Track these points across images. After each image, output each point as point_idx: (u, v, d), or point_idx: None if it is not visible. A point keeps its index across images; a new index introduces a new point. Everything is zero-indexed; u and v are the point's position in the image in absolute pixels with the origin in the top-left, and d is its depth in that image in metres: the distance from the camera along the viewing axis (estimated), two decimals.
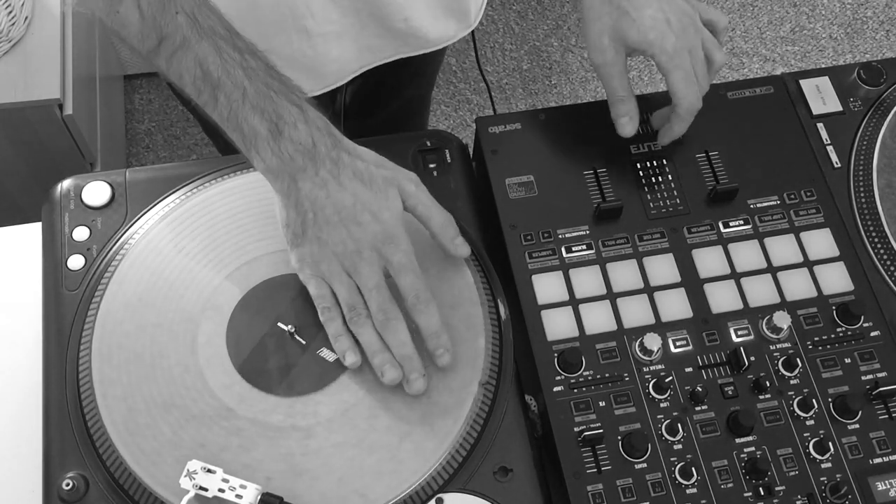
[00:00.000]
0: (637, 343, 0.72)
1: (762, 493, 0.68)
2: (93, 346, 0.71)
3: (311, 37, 0.91)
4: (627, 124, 0.79)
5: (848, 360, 0.73)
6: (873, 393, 0.71)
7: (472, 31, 1.06)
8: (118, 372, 0.70)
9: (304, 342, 0.72)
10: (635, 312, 0.74)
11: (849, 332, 0.74)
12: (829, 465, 0.69)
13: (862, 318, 0.74)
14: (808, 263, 0.77)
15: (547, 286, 0.75)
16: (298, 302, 0.73)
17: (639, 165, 0.81)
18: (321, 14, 0.89)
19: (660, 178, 0.81)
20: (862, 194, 0.80)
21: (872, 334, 0.74)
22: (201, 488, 0.65)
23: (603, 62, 0.78)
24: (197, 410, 0.69)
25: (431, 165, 0.81)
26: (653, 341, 0.71)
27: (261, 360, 0.71)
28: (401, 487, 0.67)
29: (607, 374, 0.72)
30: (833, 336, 0.74)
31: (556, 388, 0.71)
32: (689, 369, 0.72)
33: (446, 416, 0.69)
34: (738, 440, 0.70)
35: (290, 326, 0.72)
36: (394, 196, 0.69)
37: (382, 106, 1.25)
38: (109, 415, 0.69)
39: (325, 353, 0.71)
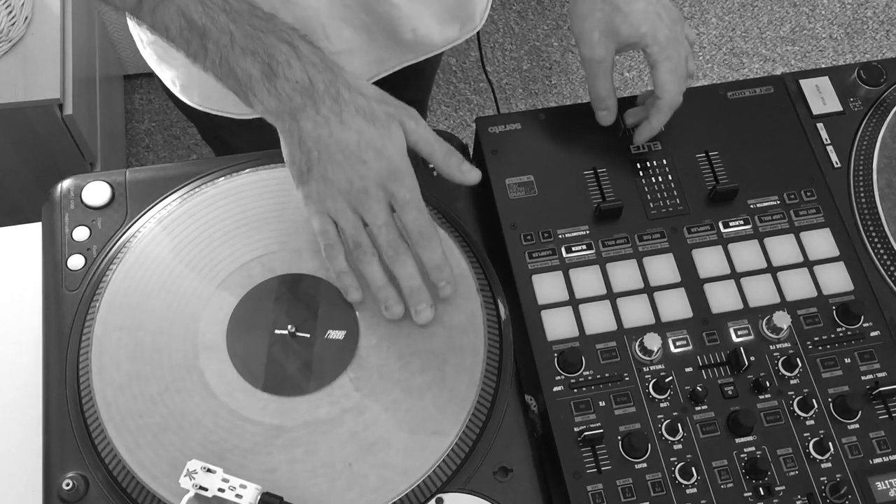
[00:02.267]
0: (637, 343, 0.72)
1: (762, 493, 0.68)
2: (92, 347, 0.71)
3: None
4: (607, 116, 0.81)
5: (848, 360, 0.73)
6: (873, 393, 0.71)
7: (477, 33, 1.06)
8: (118, 372, 0.70)
9: (308, 335, 0.72)
10: (635, 312, 0.74)
11: (849, 332, 0.74)
12: (829, 465, 0.69)
13: (862, 318, 0.74)
14: (808, 263, 0.77)
15: (547, 286, 0.75)
16: (296, 304, 0.73)
17: (639, 165, 0.81)
18: (335, 34, 0.89)
19: (660, 178, 0.81)
20: (862, 194, 0.80)
21: (872, 334, 0.74)
22: (201, 488, 0.65)
23: (592, 57, 0.79)
24: (197, 410, 0.69)
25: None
26: (653, 341, 0.71)
27: (262, 360, 0.71)
28: (401, 487, 0.67)
29: (607, 374, 0.72)
30: (833, 336, 0.74)
31: (556, 388, 0.71)
32: (689, 369, 0.72)
33: (446, 415, 0.69)
34: (738, 440, 0.70)
35: (290, 327, 0.72)
36: (397, 131, 0.69)
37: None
38: (109, 415, 0.69)
39: (334, 334, 0.71)
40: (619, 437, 0.69)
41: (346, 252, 0.71)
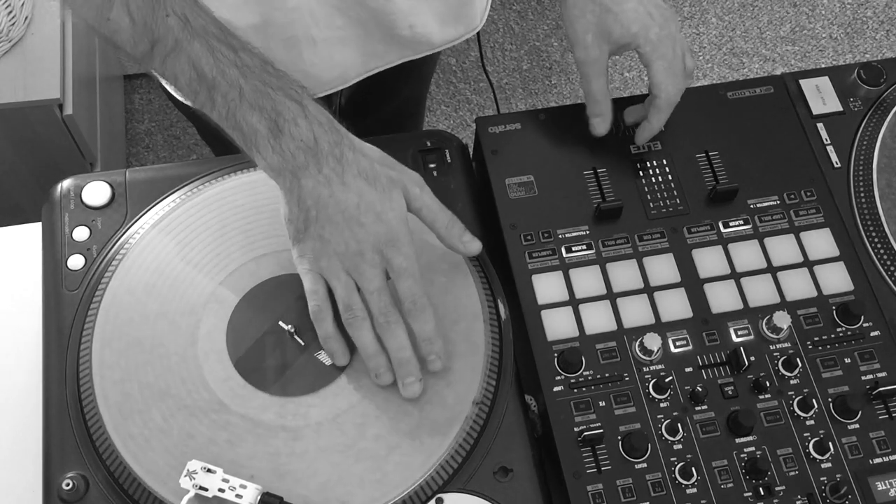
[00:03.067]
0: (637, 343, 0.72)
1: (762, 493, 0.68)
2: (93, 346, 0.71)
3: (316, 44, 0.91)
4: (600, 124, 0.81)
5: (848, 360, 0.73)
6: (873, 393, 0.71)
7: (478, 32, 1.06)
8: (118, 371, 0.70)
9: (302, 343, 0.72)
10: (635, 312, 0.74)
11: (849, 332, 0.74)
12: (829, 465, 0.69)
13: (862, 318, 0.74)
14: (808, 263, 0.77)
15: (547, 286, 0.75)
16: (297, 304, 0.73)
17: (639, 165, 0.81)
18: (326, 21, 0.89)
19: (660, 178, 0.81)
20: (862, 194, 0.80)
21: (872, 334, 0.74)
22: (201, 488, 0.65)
23: (586, 59, 0.79)
24: (197, 410, 0.69)
25: (431, 165, 0.81)
26: (653, 341, 0.71)
27: (262, 360, 0.71)
28: (401, 487, 0.67)
29: (607, 374, 0.72)
30: (833, 336, 0.74)
31: (556, 388, 0.71)
32: (689, 369, 0.72)
33: (446, 416, 0.69)
34: (738, 440, 0.70)
35: (290, 326, 0.72)
36: (398, 197, 0.69)
37: (378, 107, 1.24)
38: (109, 415, 0.69)
39: (323, 356, 0.71)
40: (619, 437, 0.69)
41: (335, 315, 0.70)
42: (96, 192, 0.78)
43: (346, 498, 0.66)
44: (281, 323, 0.73)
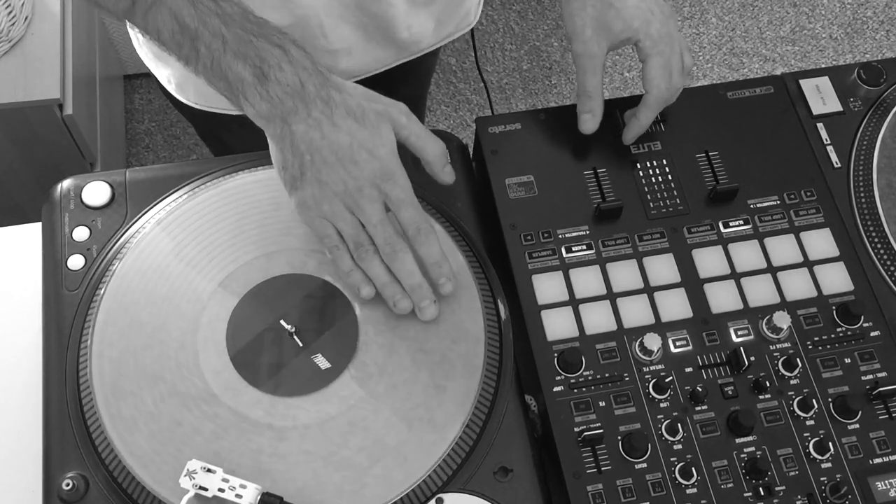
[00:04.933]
0: (637, 343, 0.72)
1: (762, 493, 0.68)
2: (93, 346, 0.71)
3: (320, 55, 0.92)
4: (590, 121, 0.81)
5: (848, 360, 0.73)
6: (873, 393, 0.71)
7: (472, 31, 1.06)
8: (118, 372, 0.70)
9: (301, 344, 0.72)
10: (635, 312, 0.74)
11: (849, 332, 0.74)
12: (829, 465, 0.69)
13: (862, 318, 0.74)
14: (808, 263, 0.77)
15: (547, 286, 0.75)
16: (296, 304, 0.73)
17: (639, 165, 0.81)
18: (333, 33, 0.89)
19: (660, 178, 0.81)
20: (862, 194, 0.80)
21: (872, 334, 0.74)
22: (201, 488, 0.65)
23: (584, 52, 0.79)
24: (197, 410, 0.69)
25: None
26: (653, 341, 0.71)
27: (262, 360, 0.71)
28: (401, 487, 0.67)
29: (607, 374, 0.72)
30: (833, 336, 0.74)
31: (556, 388, 0.71)
32: (689, 369, 0.72)
33: (446, 416, 0.69)
34: (738, 440, 0.70)
35: (290, 326, 0.72)
36: (387, 131, 0.70)
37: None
38: (109, 415, 0.69)
39: (319, 360, 0.71)
40: (619, 437, 0.69)
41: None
42: (96, 192, 0.78)
43: (346, 497, 0.66)
44: (282, 322, 0.73)
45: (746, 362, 0.71)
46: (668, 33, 0.79)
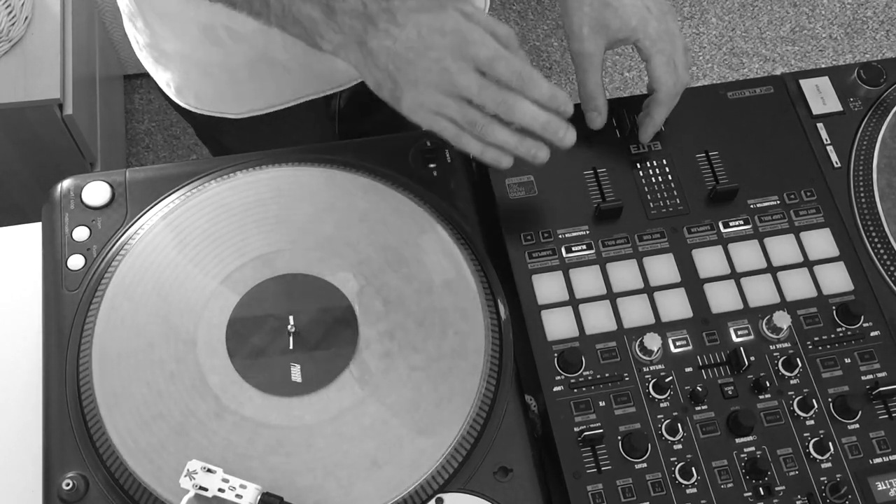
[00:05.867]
0: (637, 343, 0.72)
1: (762, 493, 0.68)
2: (93, 346, 0.71)
3: (322, 54, 0.92)
4: (597, 118, 0.81)
5: (848, 360, 0.73)
6: (873, 393, 0.71)
7: None
8: (118, 372, 0.70)
9: (307, 336, 0.72)
10: (635, 312, 0.74)
11: (849, 332, 0.74)
12: (829, 465, 0.69)
13: (862, 318, 0.74)
14: (808, 263, 0.77)
15: (547, 286, 0.75)
16: (298, 303, 0.73)
17: (639, 165, 0.81)
18: None
19: (660, 178, 0.81)
20: (862, 194, 0.80)
21: (872, 334, 0.74)
22: (201, 488, 0.65)
23: (581, 51, 0.80)
24: (197, 409, 0.69)
25: (431, 165, 0.81)
26: (653, 341, 0.71)
27: (262, 360, 0.71)
28: (401, 487, 0.67)
29: (607, 374, 0.72)
30: (833, 336, 0.74)
31: (556, 388, 0.71)
32: (689, 369, 0.72)
33: (446, 416, 0.69)
34: (738, 440, 0.70)
35: (291, 326, 0.72)
36: (450, 10, 0.70)
37: (378, 107, 1.24)
38: (109, 414, 0.69)
39: (294, 372, 0.71)
40: (619, 437, 0.69)
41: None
42: (96, 192, 0.78)
43: (346, 497, 0.66)
44: (282, 322, 0.73)
45: (746, 362, 0.71)
46: (666, 30, 0.79)
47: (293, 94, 0.97)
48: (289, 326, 0.72)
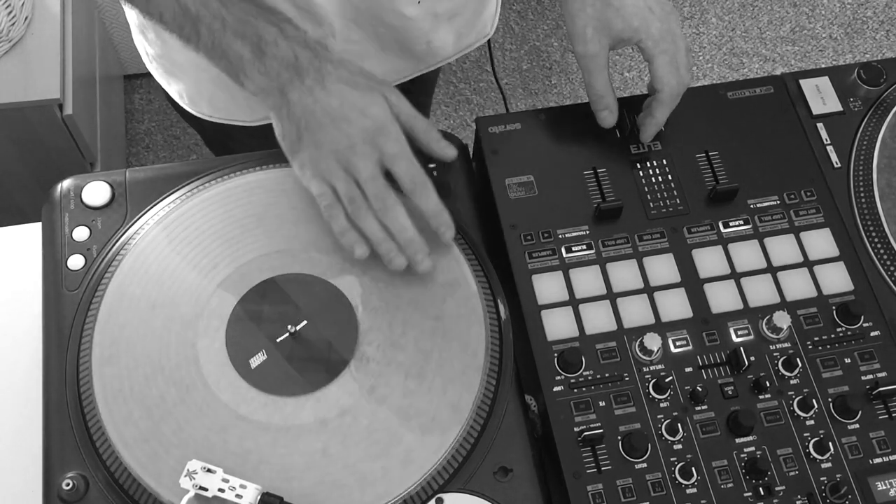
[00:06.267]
0: (637, 343, 0.72)
1: (762, 493, 0.68)
2: (93, 346, 0.71)
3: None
4: (608, 117, 0.82)
5: (848, 360, 0.73)
6: (873, 393, 0.71)
7: (488, 40, 1.05)
8: (118, 372, 0.70)
9: (307, 336, 0.72)
10: (635, 312, 0.74)
11: (849, 332, 0.74)
12: (829, 465, 0.69)
13: (862, 318, 0.74)
14: (808, 263, 0.77)
15: (547, 286, 0.75)
16: (299, 303, 0.73)
17: (639, 165, 0.81)
18: (342, 34, 0.89)
19: (660, 178, 0.81)
20: (862, 194, 0.80)
21: (872, 334, 0.74)
22: (201, 488, 0.65)
23: (585, 53, 0.80)
24: (197, 410, 0.69)
25: (431, 165, 0.81)
26: (653, 341, 0.71)
27: (262, 360, 0.71)
28: (401, 487, 0.67)
29: (607, 374, 0.72)
30: (833, 336, 0.74)
31: (556, 388, 0.71)
32: (689, 369, 0.72)
33: (446, 416, 0.69)
34: (738, 440, 0.70)
35: (291, 326, 0.72)
36: (378, 96, 0.72)
37: None
38: (109, 415, 0.69)
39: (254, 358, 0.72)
40: (619, 437, 0.69)
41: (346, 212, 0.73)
42: (96, 192, 0.78)
43: (346, 497, 0.66)
44: (282, 322, 0.73)
45: (746, 362, 0.71)
46: (668, 30, 0.79)
47: None
48: (289, 327, 0.72)
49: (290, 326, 0.72)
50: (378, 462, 0.68)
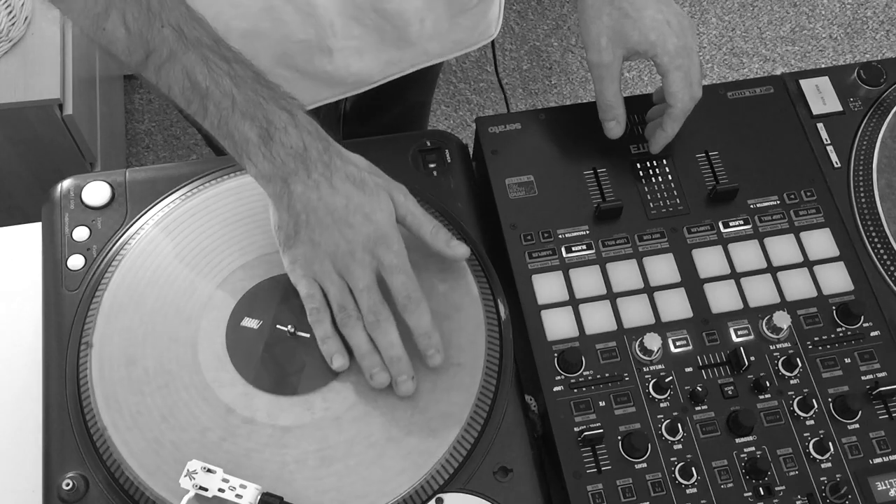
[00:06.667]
0: (637, 343, 0.72)
1: (762, 493, 0.68)
2: (93, 346, 0.71)
3: (332, 52, 0.92)
4: (615, 128, 0.81)
5: (848, 360, 0.73)
6: (873, 393, 0.71)
7: (492, 42, 1.05)
8: (118, 372, 0.70)
9: (308, 336, 0.72)
10: (635, 312, 0.74)
11: (849, 332, 0.74)
12: (829, 465, 0.69)
13: (862, 318, 0.74)
14: (808, 263, 0.77)
15: (547, 286, 0.75)
16: (299, 302, 0.73)
17: (639, 165, 0.81)
18: (343, 31, 0.89)
19: (660, 178, 0.81)
20: (862, 194, 0.80)
21: (872, 334, 0.74)
22: (201, 488, 0.65)
23: (599, 62, 0.79)
24: (197, 410, 0.69)
25: (431, 165, 0.81)
26: (653, 341, 0.71)
27: (262, 360, 0.71)
28: (401, 487, 0.67)
29: (607, 374, 0.72)
30: (833, 336, 0.74)
31: (556, 388, 0.71)
32: (689, 369, 0.72)
33: (446, 416, 0.69)
34: (738, 440, 0.70)
35: (290, 326, 0.72)
36: (385, 199, 0.70)
37: (383, 111, 1.24)
38: (109, 414, 0.69)
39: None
40: (619, 437, 0.69)
41: (333, 318, 0.71)
42: (96, 192, 0.78)
43: (346, 498, 0.66)
44: (286, 326, 0.73)
45: (746, 362, 0.71)
46: (684, 46, 0.77)
47: (311, 98, 0.97)
48: (289, 326, 0.72)
49: (289, 326, 0.72)
50: (378, 462, 0.68)
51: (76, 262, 0.75)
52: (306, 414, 0.69)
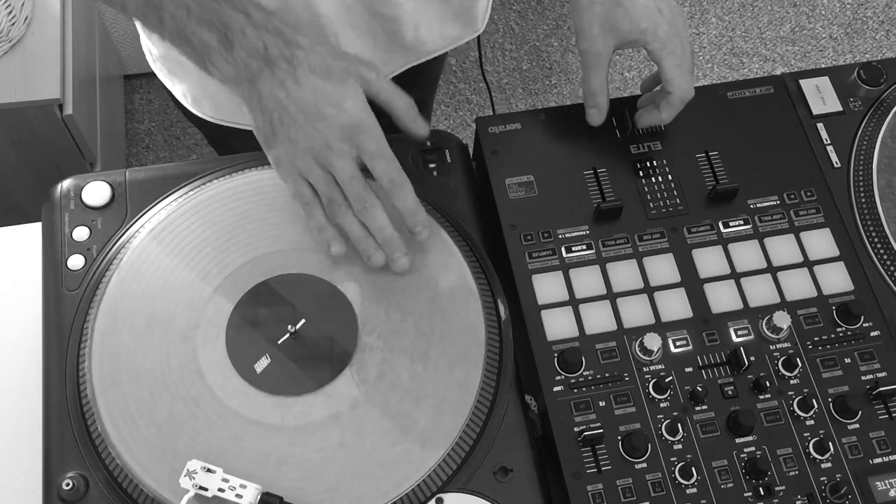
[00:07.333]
0: (637, 343, 0.72)
1: (762, 493, 0.68)
2: (93, 346, 0.71)
3: None
4: (596, 115, 0.82)
5: (848, 360, 0.73)
6: (873, 393, 0.71)
7: (478, 36, 1.05)
8: (118, 372, 0.70)
9: (307, 336, 0.72)
10: (635, 312, 0.74)
11: (849, 332, 0.74)
12: (829, 465, 0.69)
13: (862, 318, 0.74)
14: (808, 263, 0.77)
15: (547, 286, 0.75)
16: (299, 302, 0.73)
17: (639, 165, 0.81)
18: (343, 41, 0.89)
19: (660, 178, 0.81)
20: (862, 194, 0.80)
21: (872, 334, 0.74)
22: (201, 488, 0.65)
23: (589, 50, 0.79)
24: (197, 409, 0.69)
25: (431, 165, 0.81)
26: (653, 341, 0.71)
27: (262, 360, 0.71)
28: (401, 487, 0.67)
29: (607, 374, 0.72)
30: (833, 336, 0.74)
31: (556, 388, 0.71)
32: (689, 369, 0.72)
33: (446, 416, 0.69)
34: (738, 440, 0.70)
35: (290, 326, 0.72)
36: (353, 85, 0.70)
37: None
38: (109, 414, 0.69)
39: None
40: (619, 437, 0.69)
41: (324, 210, 0.73)
42: (96, 192, 0.78)
43: (346, 498, 0.66)
44: (282, 322, 0.73)
45: (746, 362, 0.71)
46: (675, 33, 0.78)
47: None
48: (289, 326, 0.72)
49: (289, 326, 0.72)
50: (378, 461, 0.68)
51: (76, 262, 0.75)
52: (306, 414, 0.69)
